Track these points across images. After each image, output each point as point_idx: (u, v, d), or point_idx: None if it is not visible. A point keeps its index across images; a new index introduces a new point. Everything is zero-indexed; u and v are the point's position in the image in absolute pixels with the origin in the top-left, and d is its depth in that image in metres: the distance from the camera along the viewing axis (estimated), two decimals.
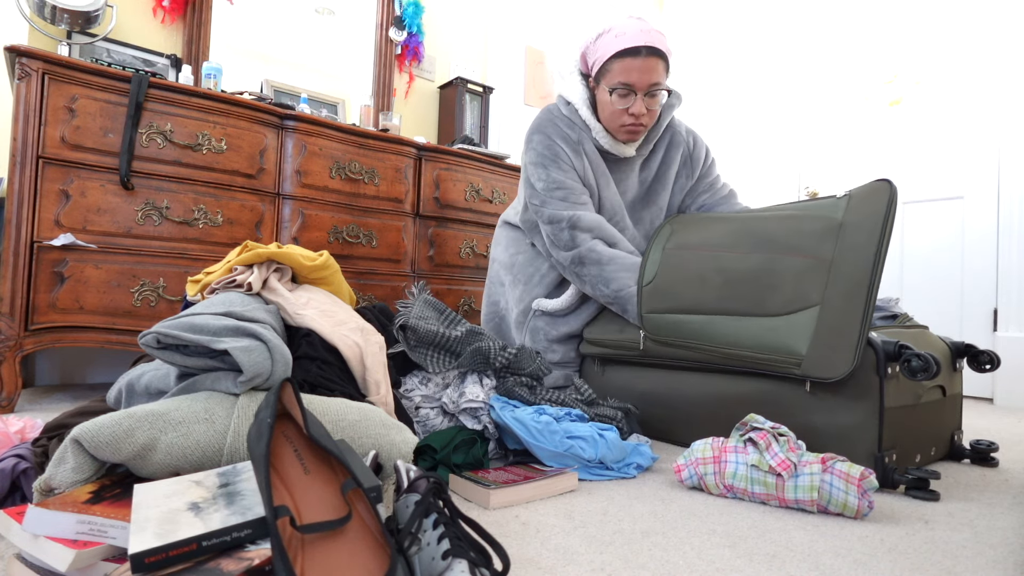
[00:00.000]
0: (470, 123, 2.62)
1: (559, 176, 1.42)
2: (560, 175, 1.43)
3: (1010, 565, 0.71)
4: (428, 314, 1.14)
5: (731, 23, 3.29)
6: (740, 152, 3.20)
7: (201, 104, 1.64)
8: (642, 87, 1.35)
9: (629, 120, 1.39)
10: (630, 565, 0.67)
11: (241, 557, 0.48)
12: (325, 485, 0.56)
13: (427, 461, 0.97)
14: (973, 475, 1.12)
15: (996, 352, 1.59)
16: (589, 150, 1.46)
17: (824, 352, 1.02)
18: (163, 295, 1.58)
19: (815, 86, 2.90)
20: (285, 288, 1.00)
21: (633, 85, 1.35)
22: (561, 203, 1.42)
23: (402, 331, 1.12)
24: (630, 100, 1.36)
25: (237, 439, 0.67)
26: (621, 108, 1.38)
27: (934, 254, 2.45)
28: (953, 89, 2.42)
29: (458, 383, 1.12)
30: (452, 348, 1.12)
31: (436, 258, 2.16)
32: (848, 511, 0.85)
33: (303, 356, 0.90)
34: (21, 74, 1.40)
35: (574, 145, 1.44)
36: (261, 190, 1.77)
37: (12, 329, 1.38)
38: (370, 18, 2.53)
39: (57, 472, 0.60)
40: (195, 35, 2.03)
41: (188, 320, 0.74)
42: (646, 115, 1.38)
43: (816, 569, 0.68)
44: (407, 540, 0.51)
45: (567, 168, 1.43)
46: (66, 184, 1.46)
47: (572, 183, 1.43)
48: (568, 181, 1.42)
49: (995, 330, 2.24)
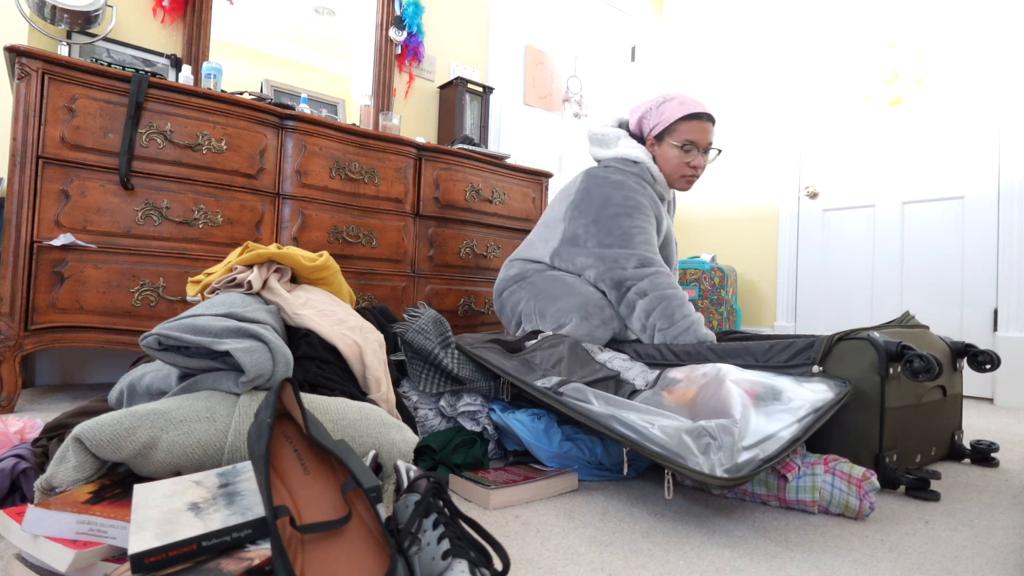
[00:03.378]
0: (470, 123, 2.62)
1: (647, 225, 1.57)
2: (647, 224, 1.57)
3: (1010, 565, 0.71)
4: (429, 329, 1.13)
5: (731, 24, 3.29)
6: (740, 152, 3.20)
7: (201, 104, 1.64)
8: (703, 144, 1.61)
9: (690, 172, 1.63)
10: (630, 565, 0.67)
11: (241, 557, 0.48)
12: (325, 485, 0.56)
13: (427, 461, 0.97)
14: (973, 475, 1.12)
15: (996, 352, 1.59)
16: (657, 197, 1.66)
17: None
18: (163, 295, 1.58)
19: (815, 86, 2.89)
20: (284, 288, 1.00)
21: (696, 143, 1.60)
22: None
23: (401, 341, 1.12)
24: (693, 155, 1.61)
25: (238, 438, 0.67)
26: (685, 161, 1.61)
27: (934, 254, 2.45)
28: (953, 89, 2.42)
29: (452, 399, 1.11)
30: (444, 370, 1.10)
31: (436, 258, 2.16)
32: (849, 512, 0.85)
33: (303, 356, 0.90)
34: (21, 74, 1.40)
35: (652, 196, 1.63)
36: (261, 190, 1.77)
37: (12, 329, 1.38)
38: (370, 18, 2.53)
39: (58, 471, 0.60)
40: (195, 35, 2.03)
41: (189, 322, 0.74)
42: (701, 168, 1.64)
43: (816, 569, 0.68)
44: (407, 540, 0.51)
45: (651, 216, 1.59)
46: (66, 184, 1.46)
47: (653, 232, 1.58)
48: (652, 231, 1.58)
49: (995, 330, 2.24)
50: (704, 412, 0.95)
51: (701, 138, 1.60)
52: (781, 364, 1.11)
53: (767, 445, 0.82)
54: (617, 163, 1.65)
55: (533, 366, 1.12)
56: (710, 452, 0.79)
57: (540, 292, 1.57)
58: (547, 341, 1.25)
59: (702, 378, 1.05)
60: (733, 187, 3.22)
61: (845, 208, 2.76)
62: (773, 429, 0.86)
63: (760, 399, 0.93)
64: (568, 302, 1.50)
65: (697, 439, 0.81)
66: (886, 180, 2.60)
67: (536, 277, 1.61)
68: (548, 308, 1.53)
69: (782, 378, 1.00)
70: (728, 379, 0.99)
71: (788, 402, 0.93)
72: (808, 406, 0.92)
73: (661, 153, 1.63)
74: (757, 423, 0.87)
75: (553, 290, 1.55)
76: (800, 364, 1.09)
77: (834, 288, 2.78)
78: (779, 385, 0.97)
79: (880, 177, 2.63)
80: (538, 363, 1.14)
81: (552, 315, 1.52)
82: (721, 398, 0.95)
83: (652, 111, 1.64)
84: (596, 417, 0.90)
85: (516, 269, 1.68)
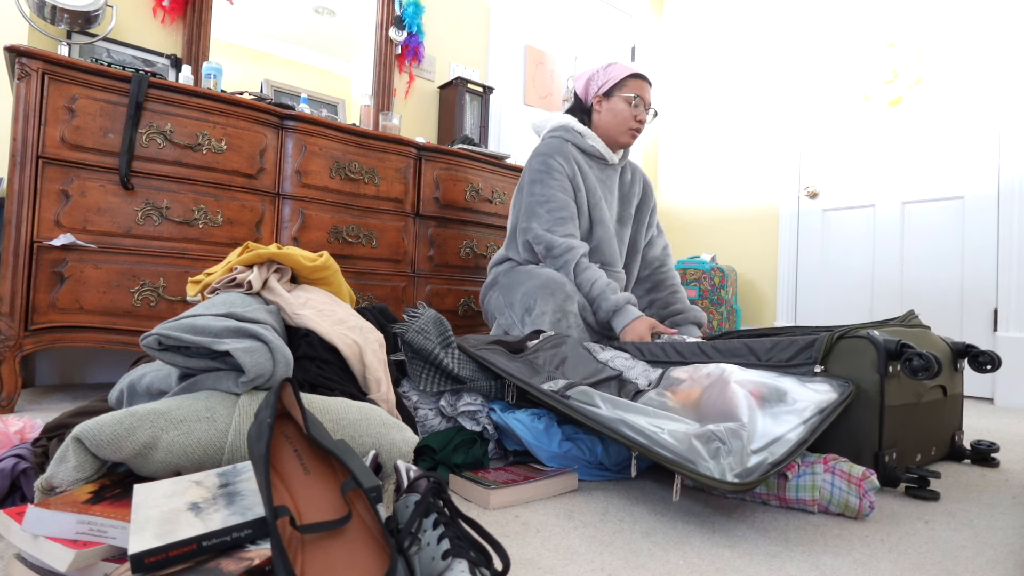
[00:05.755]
0: (470, 123, 2.62)
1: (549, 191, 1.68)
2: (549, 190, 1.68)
3: (1010, 565, 0.71)
4: (429, 329, 1.13)
5: (731, 24, 3.29)
6: (740, 152, 3.20)
7: (201, 104, 1.64)
8: (647, 101, 1.77)
9: (636, 124, 1.75)
10: (630, 565, 0.67)
11: (241, 557, 0.48)
12: (325, 485, 0.56)
13: (427, 461, 0.97)
14: (973, 475, 1.12)
15: (996, 352, 1.59)
16: (577, 154, 1.75)
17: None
18: (163, 295, 1.58)
19: (815, 86, 2.89)
20: (284, 288, 1.00)
21: (643, 99, 1.75)
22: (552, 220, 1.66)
23: (401, 341, 1.12)
24: (639, 109, 1.75)
25: (238, 437, 0.67)
26: (633, 115, 1.74)
27: (934, 254, 2.45)
28: (953, 89, 2.42)
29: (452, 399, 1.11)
30: (445, 370, 1.10)
31: (436, 258, 2.16)
32: (849, 511, 0.85)
33: (303, 356, 0.90)
34: (21, 74, 1.40)
35: (568, 154, 1.72)
36: (261, 190, 1.77)
37: (12, 329, 1.38)
38: (370, 18, 2.53)
39: (58, 471, 0.60)
40: (195, 35, 2.03)
41: (189, 322, 0.74)
42: (644, 123, 1.77)
43: (816, 569, 0.68)
44: (407, 540, 0.51)
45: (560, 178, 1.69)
46: (66, 184, 1.46)
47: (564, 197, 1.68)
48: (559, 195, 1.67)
49: (995, 330, 2.24)
50: (710, 414, 0.95)
51: (645, 95, 1.75)
52: (783, 363, 1.11)
53: (775, 448, 0.82)
54: (545, 136, 1.80)
55: (537, 368, 1.12)
56: (720, 457, 0.79)
57: (506, 287, 1.67)
58: (549, 342, 1.25)
59: (706, 379, 1.05)
60: (733, 187, 3.22)
61: (845, 208, 2.76)
62: (780, 431, 0.86)
63: (765, 400, 0.93)
64: (529, 285, 1.58)
65: (707, 444, 0.81)
66: (886, 180, 2.60)
67: (502, 278, 1.72)
68: (513, 297, 1.62)
69: (786, 379, 1.00)
70: (732, 380, 0.99)
71: (793, 403, 0.93)
72: (813, 407, 0.92)
73: (609, 108, 1.75)
74: (764, 425, 0.87)
75: (515, 281, 1.65)
76: (801, 363, 1.09)
77: (834, 288, 2.78)
78: (783, 386, 0.97)
79: (880, 177, 2.63)
80: (541, 364, 1.14)
81: (519, 302, 1.59)
82: (727, 400, 0.95)
83: (599, 73, 1.78)
84: (604, 421, 0.90)
85: (491, 276, 1.81)
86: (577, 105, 1.84)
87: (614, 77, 1.74)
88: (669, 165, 3.55)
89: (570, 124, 1.76)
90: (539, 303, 1.53)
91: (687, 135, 3.47)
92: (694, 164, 3.42)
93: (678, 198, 3.49)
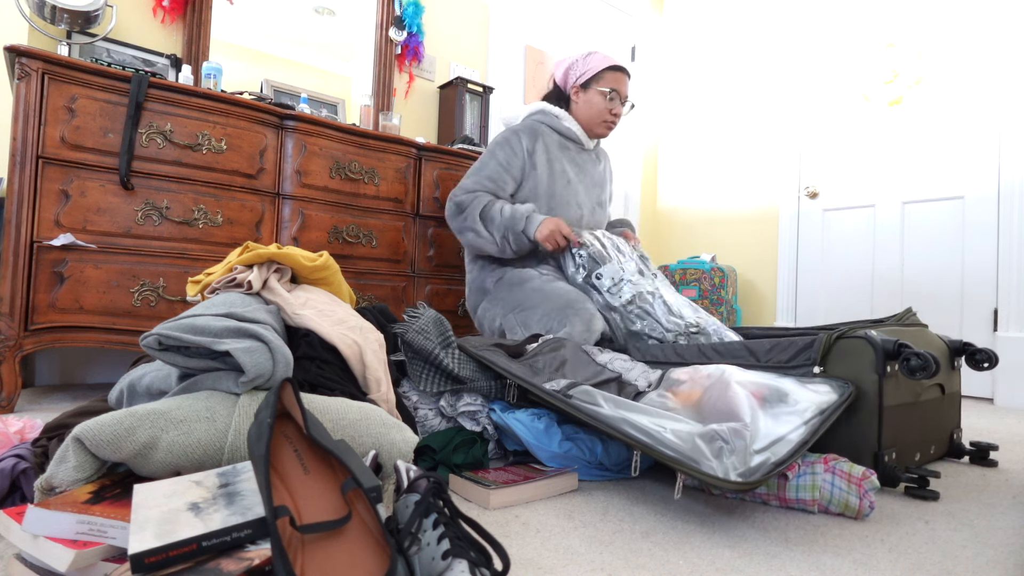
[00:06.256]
0: (470, 123, 2.62)
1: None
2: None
3: (1010, 565, 0.71)
4: (429, 329, 1.13)
5: (731, 24, 3.29)
6: (740, 152, 3.20)
7: (201, 104, 1.64)
8: (623, 94, 1.78)
9: (611, 118, 1.78)
10: (630, 565, 0.67)
11: (241, 557, 0.48)
12: (325, 485, 0.56)
13: (427, 461, 0.97)
14: (973, 475, 1.12)
15: (995, 351, 1.59)
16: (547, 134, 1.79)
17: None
18: (163, 295, 1.58)
19: (815, 85, 2.89)
20: (284, 288, 1.00)
21: (619, 92, 1.76)
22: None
23: (401, 341, 1.12)
24: (615, 103, 1.77)
25: (238, 437, 0.67)
26: (608, 108, 1.76)
27: (934, 254, 2.45)
28: (953, 89, 2.42)
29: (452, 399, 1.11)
30: (445, 370, 1.10)
31: (436, 258, 2.16)
32: (849, 511, 0.85)
33: (303, 356, 0.90)
34: (21, 74, 1.40)
35: (531, 128, 1.76)
36: (261, 190, 1.77)
37: (12, 329, 1.38)
38: (370, 18, 2.53)
39: (58, 471, 0.60)
40: (195, 35, 2.03)
41: (189, 322, 0.74)
42: (619, 116, 1.80)
43: (816, 569, 0.68)
44: (407, 540, 0.51)
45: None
46: (66, 184, 1.46)
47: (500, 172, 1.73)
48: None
49: (995, 330, 2.24)
50: (711, 414, 0.95)
51: (622, 88, 1.76)
52: (782, 364, 1.11)
53: (777, 448, 0.82)
54: (522, 120, 1.84)
55: (537, 370, 1.12)
56: (723, 456, 0.79)
57: (515, 305, 1.60)
58: (548, 345, 1.25)
59: (706, 379, 1.05)
60: (733, 187, 3.22)
61: (845, 208, 2.76)
62: (782, 432, 0.86)
63: (767, 401, 0.93)
64: (547, 307, 1.52)
65: (710, 443, 0.81)
66: (886, 180, 2.60)
67: (498, 290, 1.68)
68: (531, 319, 1.55)
69: (786, 379, 1.00)
70: (733, 381, 0.99)
71: (794, 404, 0.93)
72: (813, 408, 0.92)
73: (586, 99, 1.78)
74: (766, 426, 0.87)
75: (528, 300, 1.58)
76: (801, 364, 1.09)
77: (834, 288, 2.78)
78: (784, 387, 0.97)
79: (880, 177, 2.63)
80: (541, 367, 1.14)
81: (538, 323, 1.53)
82: (728, 400, 0.95)
83: (578, 62, 1.78)
84: (607, 420, 0.90)
85: (476, 279, 1.81)
86: (555, 92, 1.86)
87: (592, 68, 1.75)
88: (669, 165, 3.55)
89: (546, 108, 1.80)
90: (567, 326, 1.45)
91: (687, 135, 3.47)
92: (694, 164, 3.42)
93: (678, 198, 3.49)
